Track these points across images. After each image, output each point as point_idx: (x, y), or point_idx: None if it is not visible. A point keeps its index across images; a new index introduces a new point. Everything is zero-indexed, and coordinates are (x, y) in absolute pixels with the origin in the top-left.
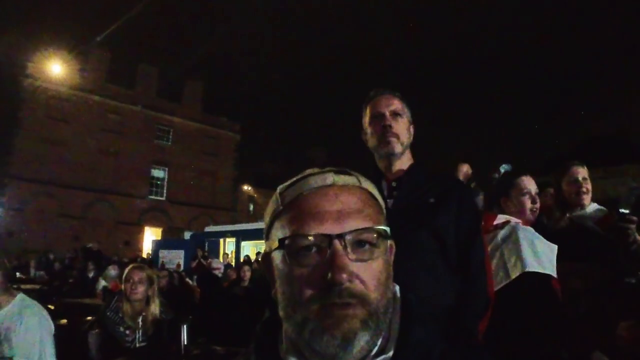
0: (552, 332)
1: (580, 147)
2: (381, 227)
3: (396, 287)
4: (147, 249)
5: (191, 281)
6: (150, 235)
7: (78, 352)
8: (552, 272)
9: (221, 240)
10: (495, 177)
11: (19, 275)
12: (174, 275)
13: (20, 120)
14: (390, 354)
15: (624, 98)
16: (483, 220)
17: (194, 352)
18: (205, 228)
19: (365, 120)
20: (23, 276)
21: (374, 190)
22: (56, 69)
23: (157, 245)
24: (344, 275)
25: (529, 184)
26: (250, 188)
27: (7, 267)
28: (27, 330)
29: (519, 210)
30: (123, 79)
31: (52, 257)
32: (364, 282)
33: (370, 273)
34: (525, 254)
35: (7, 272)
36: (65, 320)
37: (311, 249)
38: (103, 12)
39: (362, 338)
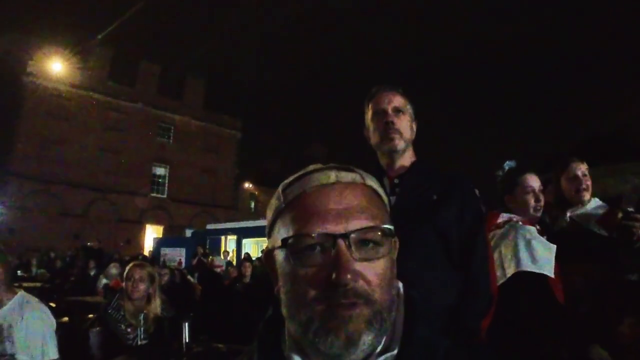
0: (548, 332)
1: (581, 145)
2: (385, 226)
3: (400, 285)
4: (148, 246)
5: (192, 279)
6: (152, 233)
7: (79, 350)
8: (549, 272)
9: (222, 238)
10: (499, 175)
11: (20, 273)
12: (176, 273)
13: (22, 118)
14: (394, 352)
15: (625, 96)
16: (486, 219)
17: (195, 349)
18: (206, 226)
19: (367, 117)
20: (25, 274)
21: (377, 187)
22: (57, 67)
23: (159, 243)
24: (348, 276)
25: (533, 181)
26: (251, 185)
27: (10, 265)
28: (29, 326)
29: (522, 208)
30: (124, 77)
31: (53, 255)
32: (368, 282)
33: (375, 272)
34: (521, 253)
35: (9, 269)
36: (66, 318)
37: (315, 248)
38: (104, 10)
39: (367, 338)
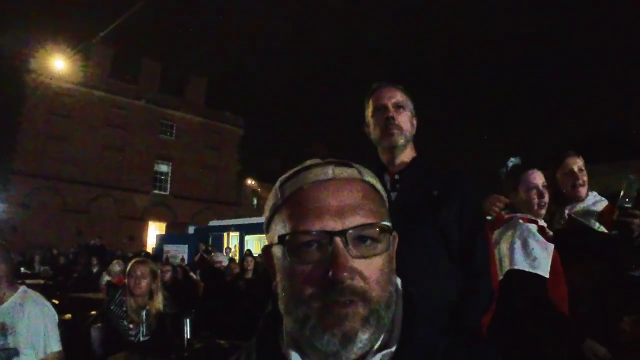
0: (544, 330)
1: (583, 143)
2: (383, 222)
3: (398, 281)
4: (151, 243)
5: (195, 275)
6: (155, 230)
7: (82, 346)
8: (543, 272)
9: (225, 234)
10: (503, 172)
11: (23, 270)
12: (178, 270)
13: (24, 115)
14: (393, 348)
15: (628, 93)
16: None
17: (197, 345)
18: (209, 222)
19: (368, 113)
20: (28, 271)
21: (376, 183)
22: (59, 64)
23: (161, 239)
24: (345, 274)
25: (536, 178)
26: (253, 182)
27: (12, 261)
28: (31, 320)
29: (526, 205)
30: (126, 74)
31: (56, 252)
32: (365, 279)
33: (372, 269)
34: (516, 252)
35: (12, 265)
36: (69, 315)
37: (312, 245)
38: (106, 8)
39: (363, 336)
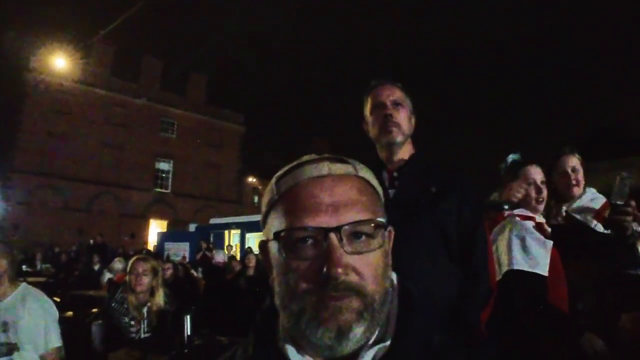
0: (543, 330)
1: (584, 140)
2: (378, 219)
3: (394, 276)
4: (152, 241)
5: (196, 273)
6: (156, 228)
7: (83, 343)
8: (542, 271)
9: (226, 232)
10: (502, 168)
11: (25, 268)
12: (179, 268)
13: (25, 114)
14: (387, 342)
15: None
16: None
17: (197, 342)
18: (210, 220)
19: (367, 110)
20: (29, 269)
21: (371, 178)
22: (60, 62)
23: (163, 237)
24: (339, 270)
25: (534, 173)
26: (254, 180)
27: (15, 258)
28: (31, 316)
29: (523, 200)
30: (127, 72)
31: (57, 250)
32: (360, 274)
33: (367, 265)
34: (514, 251)
35: (14, 263)
36: (70, 313)
37: (307, 241)
38: (107, 5)
39: (358, 330)
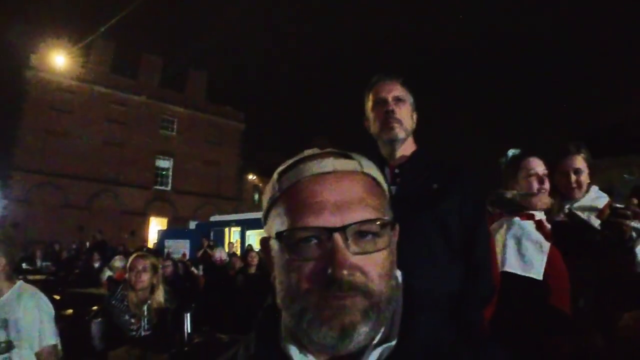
0: (542, 331)
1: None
2: (384, 217)
3: (398, 273)
4: (152, 239)
5: (197, 270)
6: (156, 225)
7: (83, 341)
8: (536, 275)
9: (226, 229)
10: (503, 162)
11: (25, 266)
12: (179, 265)
13: (24, 111)
14: (393, 342)
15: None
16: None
17: (197, 340)
18: (210, 217)
19: (368, 106)
20: (29, 267)
21: (377, 175)
22: (59, 60)
23: (163, 235)
24: (344, 272)
25: (536, 165)
26: (255, 177)
27: (12, 256)
28: (26, 313)
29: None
30: (127, 70)
31: (58, 247)
32: (366, 274)
33: (373, 264)
34: (508, 253)
35: (12, 260)
36: (70, 311)
37: (310, 240)
38: (106, 2)
39: (362, 330)
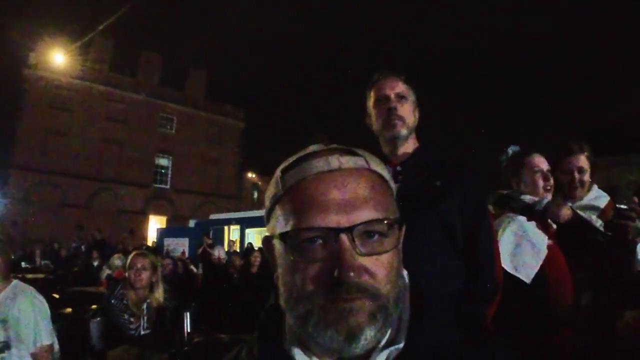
0: (542, 330)
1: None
2: (392, 217)
3: (405, 273)
4: (151, 237)
5: (196, 269)
6: (155, 224)
7: (82, 340)
8: (525, 277)
9: (226, 227)
10: (503, 160)
11: (24, 264)
12: (178, 264)
13: (23, 110)
14: (400, 345)
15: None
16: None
17: (197, 339)
18: (209, 216)
19: (370, 104)
20: (29, 265)
21: (383, 172)
22: (58, 58)
23: (162, 233)
24: (351, 274)
25: (540, 161)
26: (254, 175)
27: (9, 255)
28: (21, 313)
29: (531, 190)
30: (126, 68)
31: (57, 246)
32: (373, 276)
33: (381, 265)
34: (503, 249)
35: (8, 260)
36: (69, 309)
37: (315, 241)
38: (105, 0)
39: (369, 333)
